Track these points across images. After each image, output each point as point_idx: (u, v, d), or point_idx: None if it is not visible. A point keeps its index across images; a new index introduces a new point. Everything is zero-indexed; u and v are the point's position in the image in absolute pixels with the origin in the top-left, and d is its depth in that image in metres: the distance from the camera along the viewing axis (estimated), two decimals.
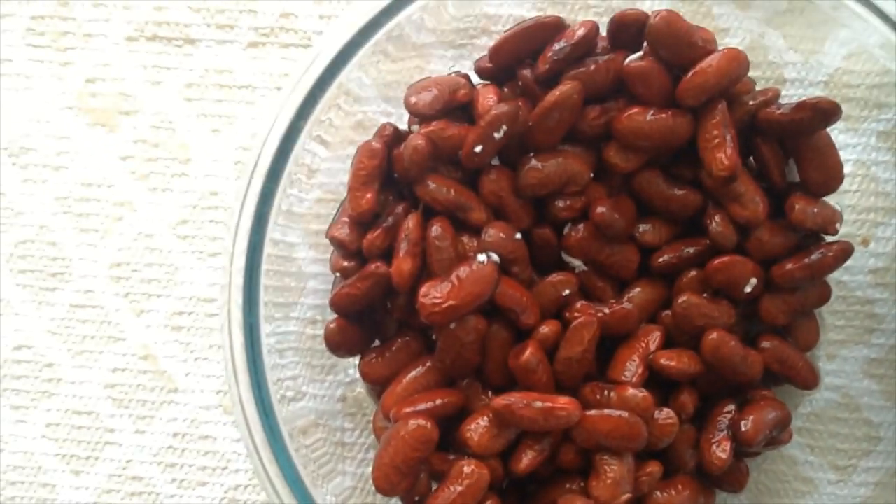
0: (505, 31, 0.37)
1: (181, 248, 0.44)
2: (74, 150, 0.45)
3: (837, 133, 0.43)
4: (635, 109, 0.36)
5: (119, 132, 0.45)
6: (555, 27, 0.37)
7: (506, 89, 0.38)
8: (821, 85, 0.43)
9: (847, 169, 0.43)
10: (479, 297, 0.34)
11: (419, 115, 0.37)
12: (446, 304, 0.34)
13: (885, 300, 0.42)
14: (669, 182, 0.38)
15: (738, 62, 0.36)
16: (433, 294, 0.34)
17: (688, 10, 0.44)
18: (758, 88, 0.38)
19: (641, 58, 0.36)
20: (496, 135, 0.35)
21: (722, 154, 0.36)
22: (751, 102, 0.37)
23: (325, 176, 0.39)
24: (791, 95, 0.43)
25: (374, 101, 0.39)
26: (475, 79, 0.39)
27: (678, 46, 0.36)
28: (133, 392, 0.44)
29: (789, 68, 0.43)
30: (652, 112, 0.36)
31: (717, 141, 0.36)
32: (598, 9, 0.44)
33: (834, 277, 0.39)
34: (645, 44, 0.37)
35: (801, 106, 0.36)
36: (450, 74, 0.39)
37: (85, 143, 0.45)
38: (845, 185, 0.43)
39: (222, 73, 0.45)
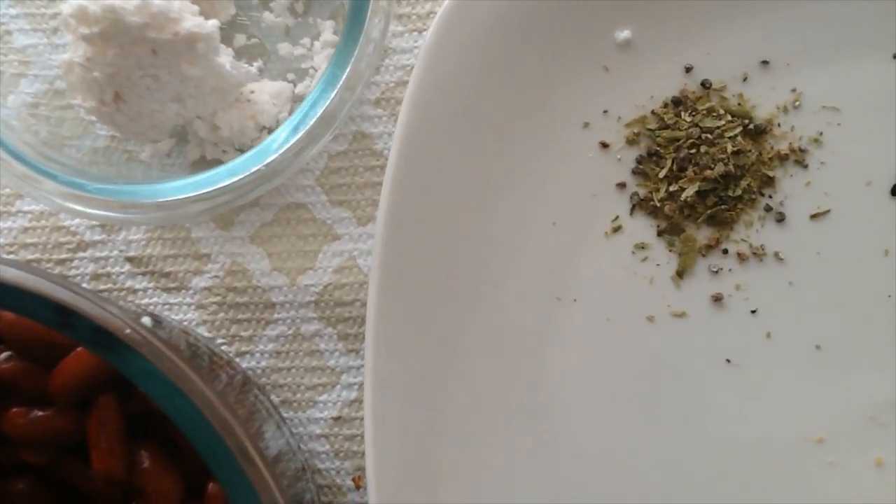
0: None
1: None
2: None
3: (331, 373, 0.40)
4: (15, 410, 0.33)
5: None
6: None
7: None
8: (311, 306, 0.40)
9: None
10: None
11: None
12: None
13: None
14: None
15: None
16: None
17: (168, 237, 0.40)
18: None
19: (8, 358, 0.33)
20: None
21: (105, 459, 0.32)
22: None
23: None
24: (284, 319, 0.40)
25: None
26: None
27: (36, 347, 0.32)
28: None
29: (276, 292, 0.40)
30: (35, 413, 0.33)
31: (95, 442, 0.33)
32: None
33: None
34: None
35: None
36: None
37: None
38: None
39: None
